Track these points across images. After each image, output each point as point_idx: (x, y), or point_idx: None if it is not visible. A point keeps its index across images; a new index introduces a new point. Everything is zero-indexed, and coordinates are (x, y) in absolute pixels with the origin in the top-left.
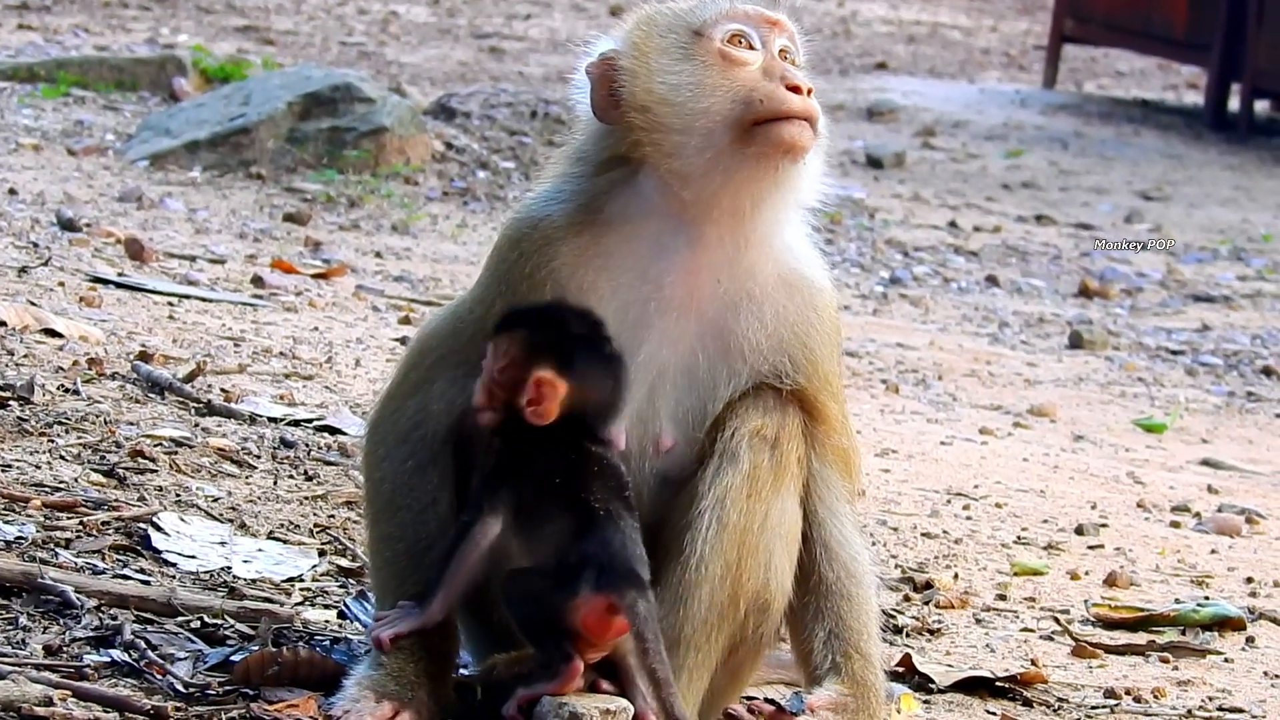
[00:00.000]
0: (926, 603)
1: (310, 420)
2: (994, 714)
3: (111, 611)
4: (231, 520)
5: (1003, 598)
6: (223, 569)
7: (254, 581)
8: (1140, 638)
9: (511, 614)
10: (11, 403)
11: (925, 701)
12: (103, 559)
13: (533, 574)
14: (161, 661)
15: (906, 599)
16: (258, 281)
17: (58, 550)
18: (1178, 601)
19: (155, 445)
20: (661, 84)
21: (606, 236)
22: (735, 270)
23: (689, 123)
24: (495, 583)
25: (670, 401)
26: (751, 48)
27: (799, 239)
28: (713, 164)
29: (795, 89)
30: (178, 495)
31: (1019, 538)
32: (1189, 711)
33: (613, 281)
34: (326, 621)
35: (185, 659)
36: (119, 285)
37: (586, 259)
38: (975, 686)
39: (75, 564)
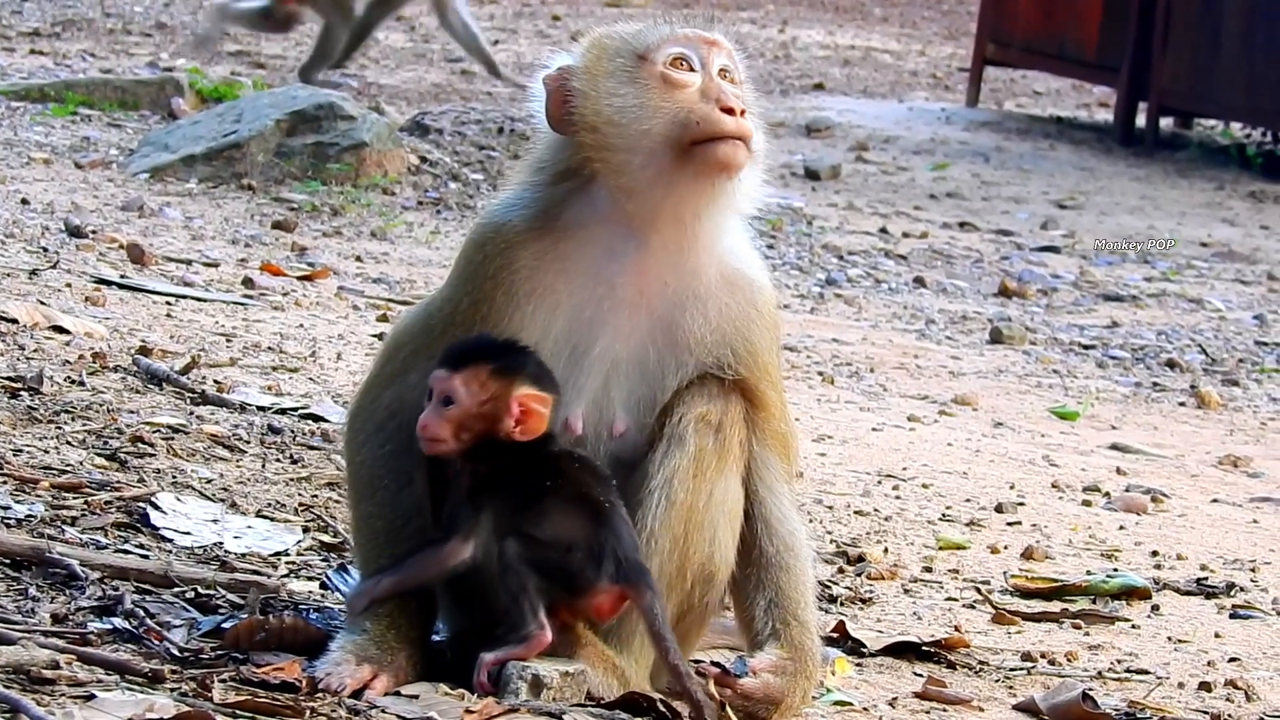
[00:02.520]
0: (859, 574)
1: (296, 409)
2: (920, 675)
3: (113, 583)
4: (223, 500)
5: (929, 570)
6: (215, 544)
7: (243, 556)
8: (1054, 606)
9: (503, 575)
10: (22, 393)
11: (858, 664)
12: (105, 535)
13: (545, 546)
14: (159, 628)
15: (840, 571)
16: (248, 283)
17: (64, 527)
18: (1089, 573)
19: (154, 431)
20: (608, 106)
21: (564, 241)
22: (680, 272)
23: (633, 143)
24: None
25: (623, 390)
26: (692, 69)
27: (741, 243)
28: (655, 180)
29: (729, 110)
30: (174, 477)
31: (943, 515)
32: (1099, 673)
33: (569, 283)
34: (310, 592)
35: (180, 626)
36: (121, 286)
37: (545, 262)
38: (903, 651)
39: (80, 540)
